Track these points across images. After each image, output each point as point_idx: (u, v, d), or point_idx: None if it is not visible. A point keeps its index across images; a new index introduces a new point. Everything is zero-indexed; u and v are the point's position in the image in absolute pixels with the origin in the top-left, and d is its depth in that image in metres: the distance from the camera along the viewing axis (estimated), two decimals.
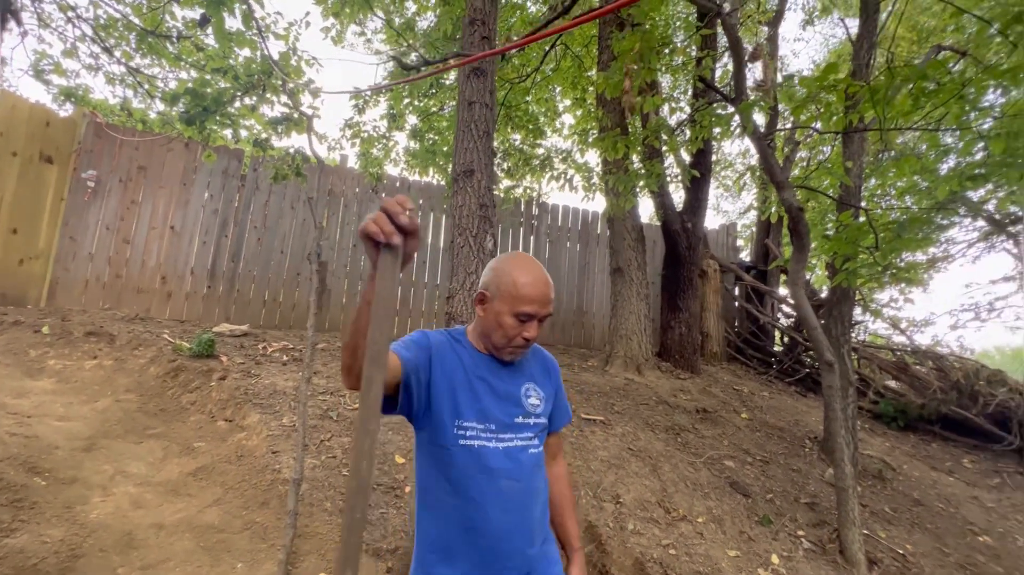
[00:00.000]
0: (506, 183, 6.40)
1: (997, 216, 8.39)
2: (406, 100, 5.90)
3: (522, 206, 6.63)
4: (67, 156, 4.85)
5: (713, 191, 12.09)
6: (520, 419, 1.15)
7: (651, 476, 3.18)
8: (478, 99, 2.04)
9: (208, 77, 3.95)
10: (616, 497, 2.95)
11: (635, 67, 3.20)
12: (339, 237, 5.73)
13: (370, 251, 0.76)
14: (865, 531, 2.98)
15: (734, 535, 2.84)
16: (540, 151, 6.24)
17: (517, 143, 6.68)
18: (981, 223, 8.78)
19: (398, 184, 6.11)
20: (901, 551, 2.96)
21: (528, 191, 6.53)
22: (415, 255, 0.83)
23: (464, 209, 1.89)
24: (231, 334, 4.53)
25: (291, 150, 4.42)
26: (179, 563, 2.02)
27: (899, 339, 6.49)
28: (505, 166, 6.32)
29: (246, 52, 3.57)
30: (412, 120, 6.38)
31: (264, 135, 4.00)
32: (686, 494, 3.08)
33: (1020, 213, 8.56)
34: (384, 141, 6.18)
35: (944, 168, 5.88)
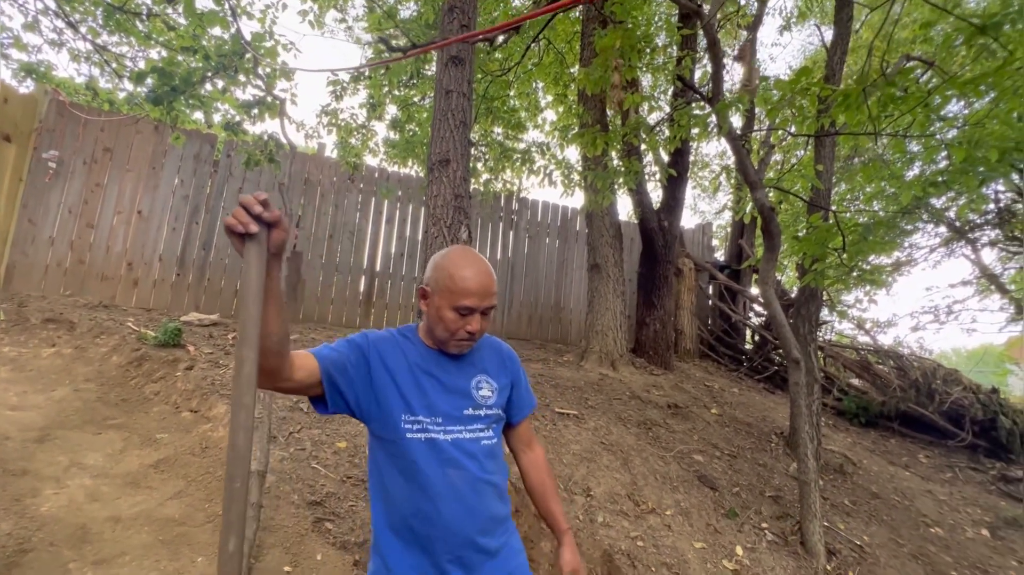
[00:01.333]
0: (485, 177, 6.38)
1: (957, 223, 8.74)
2: (385, 88, 5.81)
3: (501, 201, 6.61)
4: (27, 135, 4.63)
5: (690, 191, 12.26)
6: (470, 411, 1.16)
7: (622, 470, 3.22)
8: (455, 88, 2.01)
9: (180, 58, 3.82)
10: (587, 490, 2.97)
11: (618, 63, 3.21)
12: (315, 227, 5.62)
13: (236, 244, 0.85)
14: (825, 523, 3.08)
15: (701, 527, 2.90)
16: (521, 145, 6.23)
17: (498, 136, 6.65)
18: (942, 229, 9.13)
19: (376, 175, 6.02)
20: (859, 542, 3.06)
21: (508, 186, 6.52)
22: (284, 247, 0.90)
23: (439, 199, 1.87)
24: (200, 323, 4.40)
25: (264, 135, 4.31)
26: (135, 557, 1.96)
27: (863, 339, 6.71)
28: (485, 159, 6.29)
29: (217, 31, 3.46)
30: (392, 110, 6.29)
31: (236, 118, 3.89)
32: (655, 487, 3.13)
33: (978, 220, 8.93)
34: (363, 131, 6.09)
35: (909, 175, 6.09)
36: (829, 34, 4.21)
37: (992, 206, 8.63)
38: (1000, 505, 3.94)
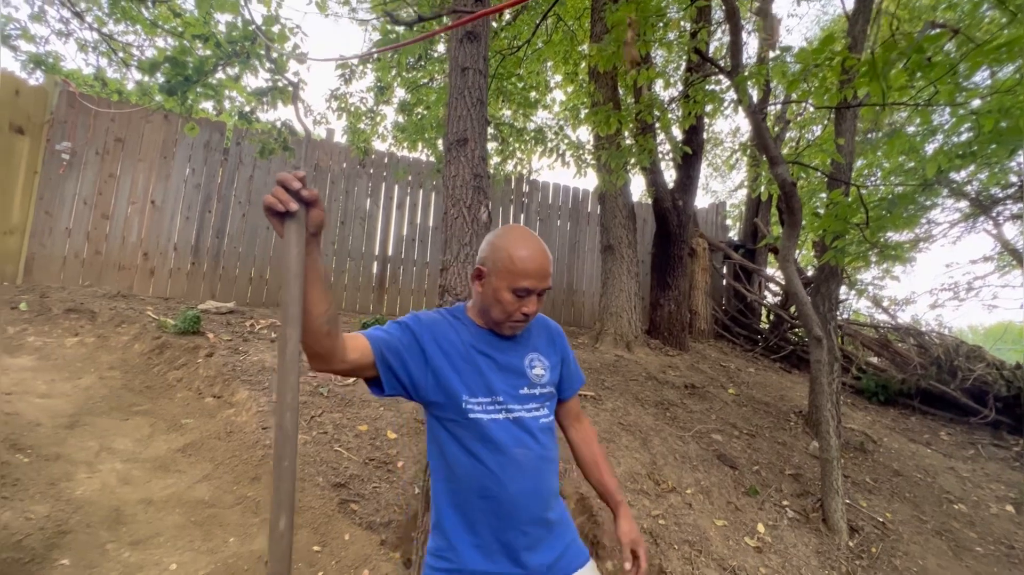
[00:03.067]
0: (496, 160, 6.31)
1: (979, 197, 8.52)
2: (393, 71, 5.73)
3: (512, 183, 6.55)
4: (39, 127, 4.65)
5: (704, 170, 12.07)
6: (526, 390, 1.16)
7: (641, 450, 3.22)
8: (471, 65, 1.97)
9: (188, 44, 3.78)
10: None
11: (631, 32, 3.12)
12: (326, 213, 5.62)
13: (275, 224, 0.84)
14: (847, 500, 3.07)
15: (721, 505, 2.90)
16: (531, 126, 6.14)
17: (507, 118, 6.56)
18: (962, 204, 8.92)
19: (386, 160, 5.99)
20: (881, 519, 3.05)
21: (519, 167, 6.45)
22: (323, 226, 0.89)
23: (457, 179, 1.84)
24: (217, 311, 4.45)
25: (277, 123, 4.29)
26: (169, 538, 2.01)
27: (881, 317, 6.62)
28: (497, 140, 6.22)
29: (227, 17, 3.42)
30: (400, 93, 6.22)
31: (248, 107, 3.86)
32: (675, 467, 3.14)
33: (1000, 194, 8.71)
34: (372, 115, 6.03)
35: (930, 149, 5.93)
36: (850, 2, 4.06)
37: (1015, 178, 8.39)
38: None
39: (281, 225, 0.83)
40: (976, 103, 3.95)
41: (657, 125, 5.28)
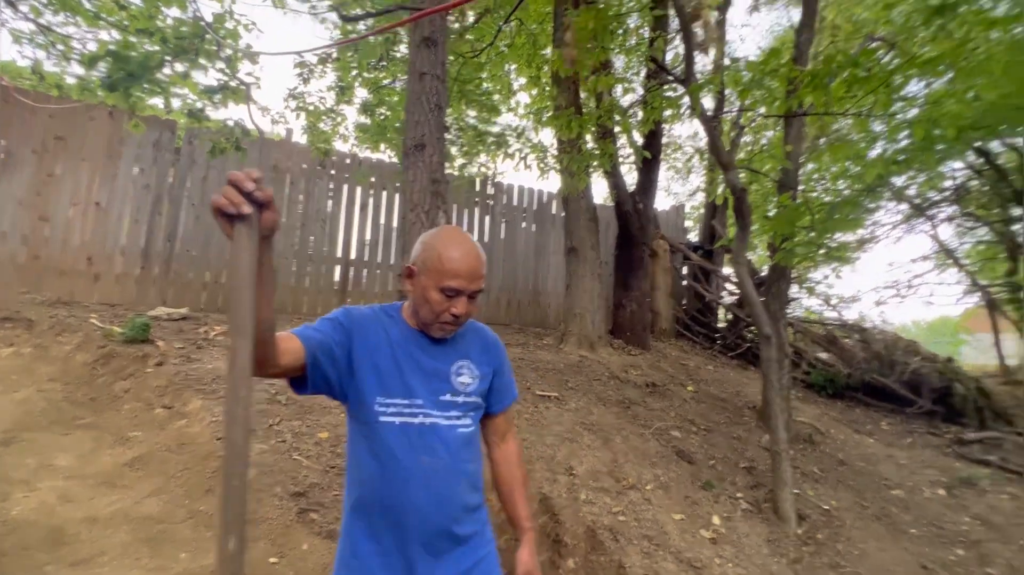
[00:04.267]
0: (460, 161, 6.30)
1: (917, 200, 9.09)
2: (355, 71, 5.65)
3: (476, 185, 6.56)
4: None
5: (664, 173, 12.36)
6: (448, 397, 1.13)
7: (603, 448, 3.29)
8: (429, 70, 1.97)
9: (133, 39, 3.62)
10: (569, 469, 3.04)
11: (589, 46, 3.19)
12: (286, 216, 5.47)
13: (224, 226, 0.78)
14: (796, 490, 3.22)
15: (679, 500, 3.00)
16: (495, 128, 6.17)
17: (471, 120, 6.56)
18: (903, 206, 9.50)
19: (348, 160, 5.88)
20: (827, 507, 3.22)
21: (483, 170, 6.46)
22: (276, 229, 0.84)
23: (416, 184, 1.84)
24: (168, 318, 4.27)
25: (230, 122, 4.16)
26: (114, 556, 1.92)
27: (830, 314, 6.98)
28: (460, 143, 6.21)
29: (175, 12, 3.29)
30: (362, 94, 6.13)
31: (199, 104, 3.73)
32: (635, 464, 3.22)
33: (936, 197, 9.31)
34: (332, 115, 5.92)
35: (872, 154, 6.29)
36: (798, 15, 4.28)
37: (949, 183, 9.00)
38: (955, 466, 4.19)
39: (231, 228, 0.78)
40: (913, 113, 4.21)
41: (618, 129, 5.40)
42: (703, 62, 7.78)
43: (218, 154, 4.14)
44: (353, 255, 5.82)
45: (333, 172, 5.77)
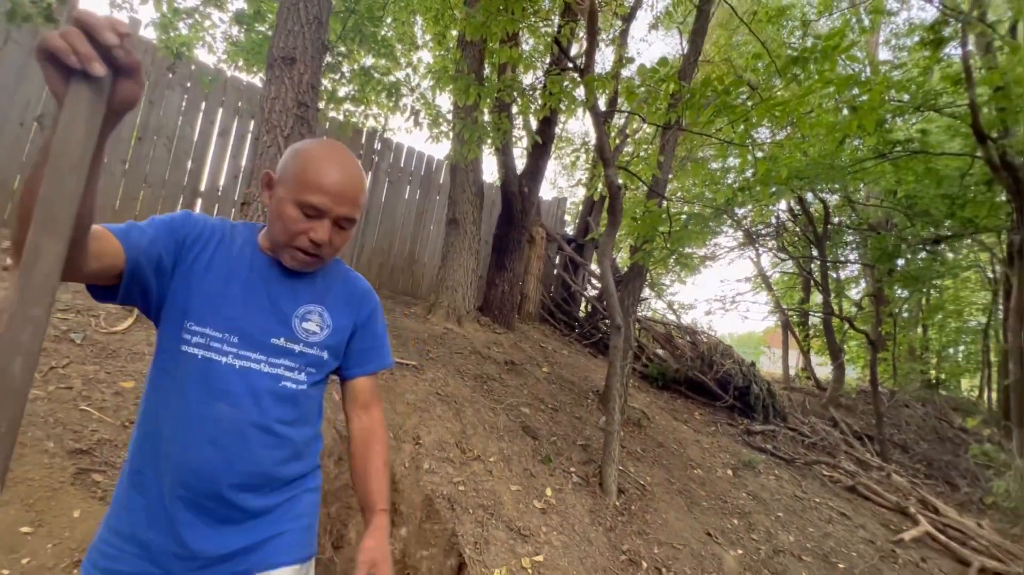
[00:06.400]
0: (349, 107, 5.78)
1: (750, 230, 10.70)
2: None
3: (363, 138, 6.09)
4: None
5: (552, 165, 12.79)
6: (281, 342, 0.96)
7: (454, 419, 3.30)
8: None
9: None
10: (416, 438, 2.99)
11: (500, 8, 3.09)
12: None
13: (53, 81, 0.56)
14: (620, 467, 3.58)
15: (519, 472, 3.14)
16: (391, 78, 5.76)
17: (368, 67, 6.03)
18: (739, 234, 11.14)
19: (210, 78, 5.02)
20: (643, 482, 3.64)
21: (376, 121, 6.02)
22: (132, 108, 0.63)
23: (277, 103, 1.58)
24: None
25: None
26: None
27: (671, 317, 7.90)
28: (350, 87, 5.68)
29: None
30: (239, 2, 5.25)
31: None
32: (483, 436, 3.29)
33: (763, 231, 11.08)
34: (197, 16, 4.98)
35: (726, 184, 7.21)
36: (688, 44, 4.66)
37: (773, 220, 10.76)
38: (742, 451, 5.04)
39: (63, 86, 0.56)
40: (760, 155, 4.87)
41: (515, 110, 5.40)
42: (603, 64, 8.16)
43: (19, 22, 3.20)
44: (203, 186, 5.03)
45: (189, 85, 4.90)
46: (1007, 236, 6.69)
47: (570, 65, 3.80)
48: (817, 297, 11.05)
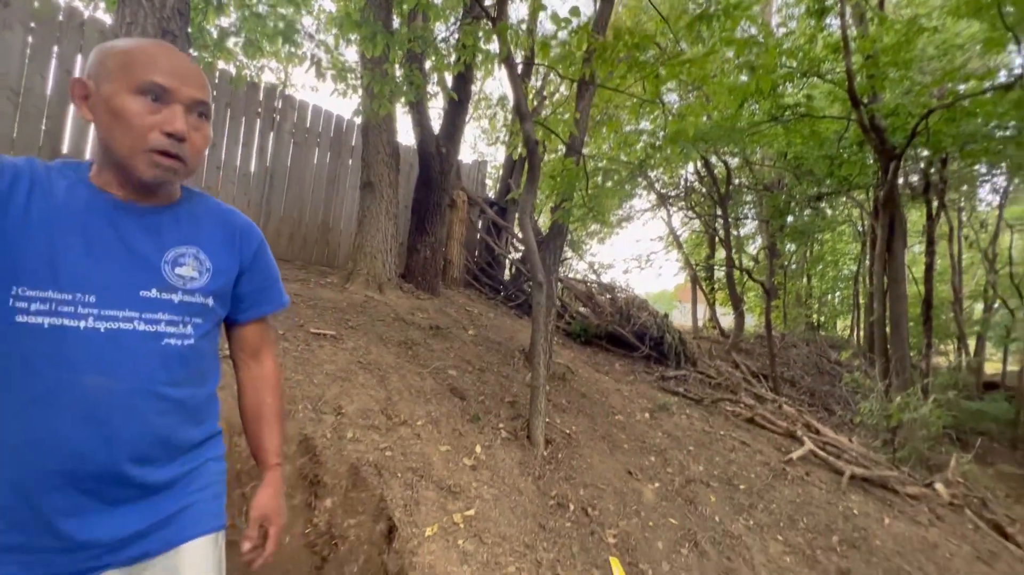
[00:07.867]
0: (242, 58, 5.18)
1: (662, 192, 11.26)
2: None
3: (260, 94, 5.52)
4: None
5: (473, 130, 12.50)
6: (153, 292, 0.83)
7: (378, 387, 3.21)
8: None
9: None
10: (338, 409, 2.87)
11: None
12: None
13: None
14: (547, 419, 3.70)
15: (448, 433, 3.14)
16: (285, 14, 5.22)
17: (262, 10, 5.40)
18: (652, 197, 11.69)
19: (61, 17, 4.24)
20: (568, 432, 3.80)
21: (273, 74, 5.45)
22: None
23: (134, 29, 1.34)
24: None
25: None
26: None
27: (591, 276, 8.19)
28: (240, 33, 5.07)
29: None
30: None
31: None
32: (409, 401, 3.23)
33: (673, 193, 11.70)
34: None
35: (639, 147, 7.47)
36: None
37: (682, 183, 11.39)
38: (658, 396, 5.42)
39: None
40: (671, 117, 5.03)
41: (428, 65, 5.13)
42: (519, 13, 7.95)
43: None
44: (66, 148, 4.33)
45: (33, 25, 4.12)
46: (874, 192, 7.59)
47: (482, 12, 3.65)
48: (721, 253, 11.97)
